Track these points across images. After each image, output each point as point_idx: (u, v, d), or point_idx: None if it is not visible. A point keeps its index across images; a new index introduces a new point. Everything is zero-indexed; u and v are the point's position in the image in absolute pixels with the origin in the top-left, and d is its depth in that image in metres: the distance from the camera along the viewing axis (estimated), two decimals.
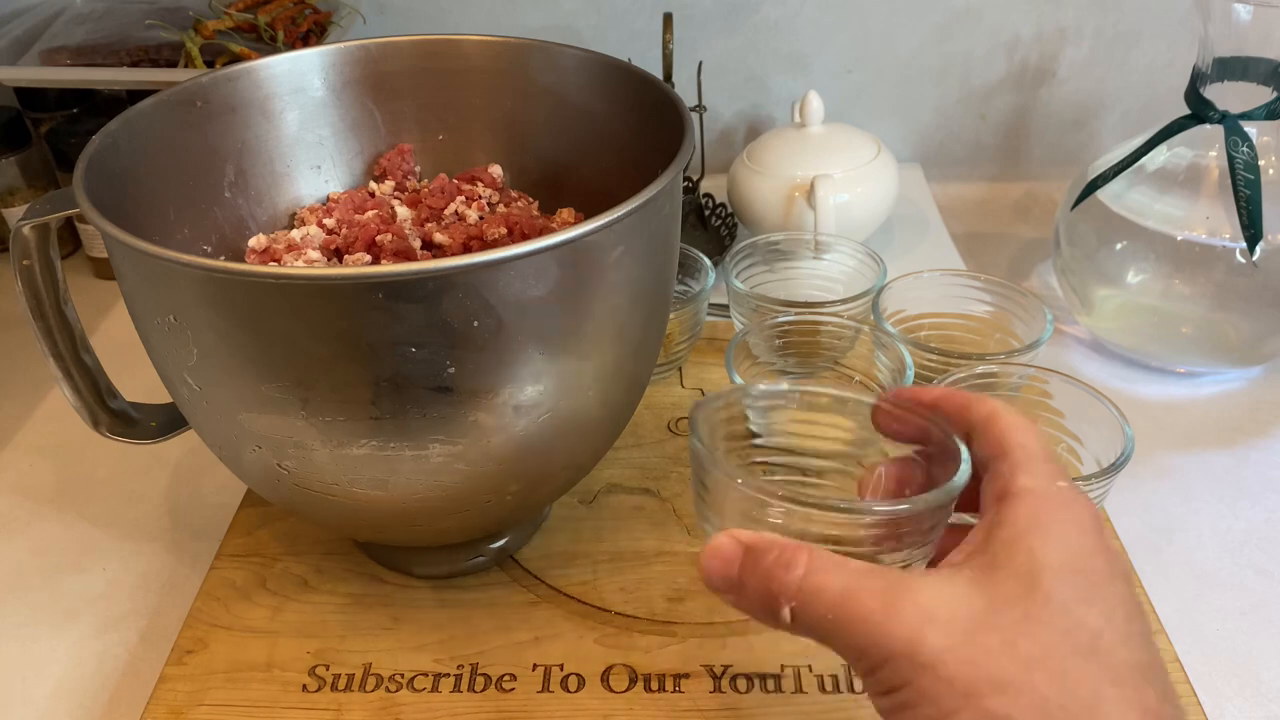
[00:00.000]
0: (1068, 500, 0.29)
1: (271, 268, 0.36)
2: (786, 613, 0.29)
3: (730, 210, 0.77)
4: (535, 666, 0.45)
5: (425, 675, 0.44)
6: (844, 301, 0.60)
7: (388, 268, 0.34)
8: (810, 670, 0.44)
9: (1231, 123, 0.57)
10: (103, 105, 0.81)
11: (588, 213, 0.52)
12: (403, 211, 0.52)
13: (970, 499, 0.32)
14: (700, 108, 0.75)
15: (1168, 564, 0.50)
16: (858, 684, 0.43)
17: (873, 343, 0.56)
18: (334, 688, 0.44)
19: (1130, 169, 0.61)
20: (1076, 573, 0.28)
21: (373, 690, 0.44)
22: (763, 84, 0.87)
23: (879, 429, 0.36)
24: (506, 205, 0.54)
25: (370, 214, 0.51)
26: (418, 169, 0.56)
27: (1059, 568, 0.28)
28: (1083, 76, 0.85)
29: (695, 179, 0.78)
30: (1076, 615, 0.27)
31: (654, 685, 0.44)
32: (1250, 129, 0.57)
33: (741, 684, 0.44)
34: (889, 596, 0.27)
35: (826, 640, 0.29)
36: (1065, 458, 0.52)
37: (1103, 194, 0.62)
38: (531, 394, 0.38)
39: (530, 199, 0.55)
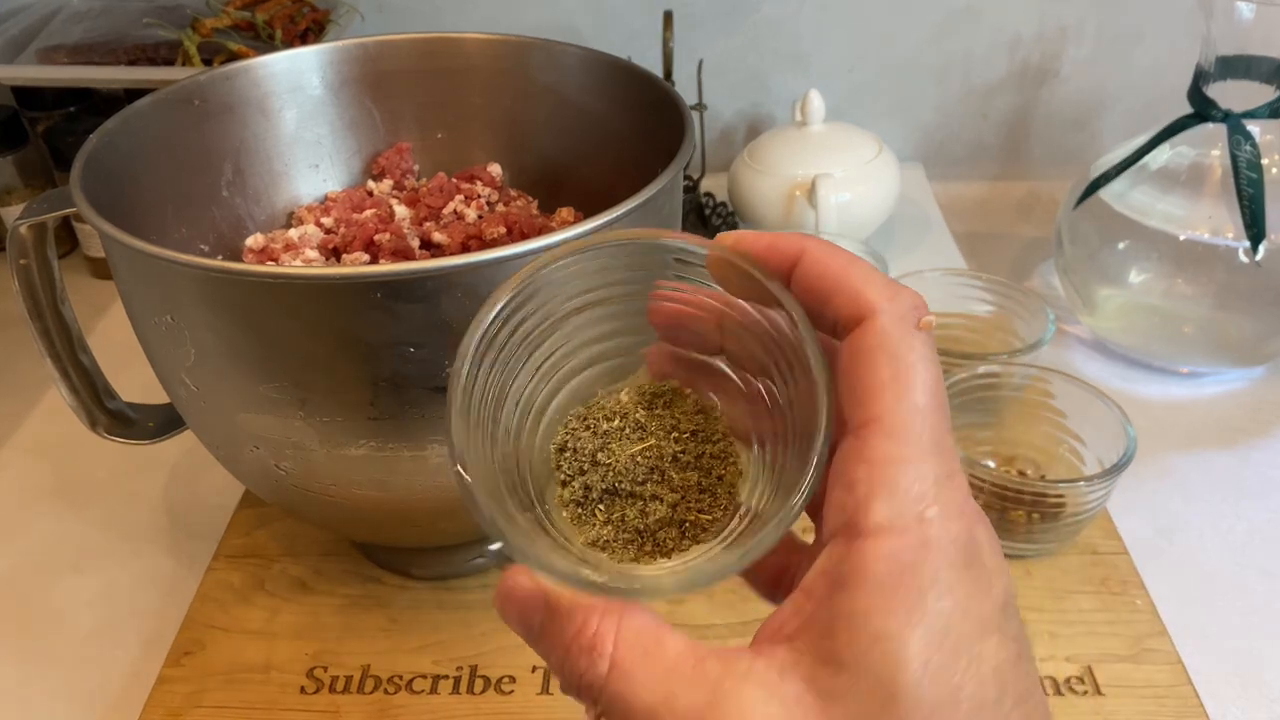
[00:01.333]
0: (934, 546, 0.21)
1: (269, 267, 0.36)
2: (594, 713, 0.23)
3: (731, 209, 0.77)
4: (534, 668, 0.44)
5: (424, 677, 0.44)
6: None
7: (386, 267, 0.34)
8: None
9: (1234, 121, 0.56)
10: (100, 104, 0.80)
11: (588, 212, 0.51)
12: (401, 210, 0.52)
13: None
14: (700, 106, 0.75)
15: (1170, 565, 0.50)
16: None
17: None
18: (332, 689, 0.44)
19: (1132, 168, 0.61)
20: (940, 674, 0.20)
21: (371, 692, 0.44)
22: (763, 83, 0.86)
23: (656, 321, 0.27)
24: (505, 204, 0.53)
25: (368, 213, 0.51)
26: (416, 168, 0.56)
27: (919, 673, 0.20)
28: (1085, 75, 0.84)
29: (695, 178, 0.78)
30: None
31: None
32: (1253, 128, 0.56)
33: None
34: (713, 715, 0.21)
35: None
36: (1068, 458, 0.52)
37: (1105, 193, 0.62)
38: None
39: (530, 198, 0.55)
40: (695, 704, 0.21)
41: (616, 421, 0.27)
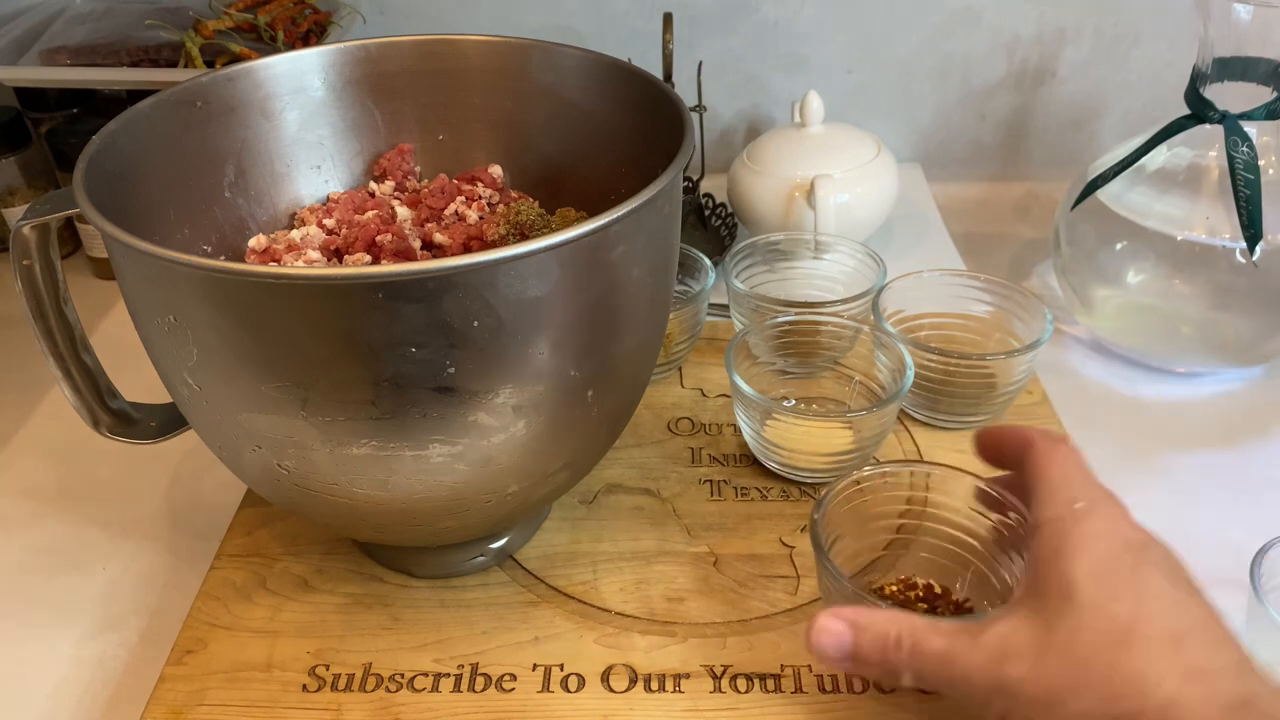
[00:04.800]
0: (1081, 517, 0.35)
1: (271, 268, 0.36)
2: (908, 678, 0.36)
3: (730, 210, 0.77)
4: (535, 666, 0.45)
5: (425, 675, 0.44)
6: (844, 301, 0.60)
7: (388, 268, 0.34)
8: (810, 670, 0.44)
9: (1231, 123, 0.57)
10: (103, 105, 0.81)
11: (588, 213, 0.52)
12: (403, 212, 0.52)
13: None
14: (700, 108, 0.75)
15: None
16: (857, 684, 0.43)
17: (873, 343, 0.56)
18: (334, 688, 0.44)
19: (1130, 169, 0.61)
20: (1102, 576, 0.33)
21: (372, 690, 0.44)
22: (763, 84, 0.87)
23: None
24: (506, 205, 0.54)
25: (370, 214, 0.51)
26: (418, 169, 0.56)
27: (1085, 579, 0.33)
28: (1083, 76, 0.85)
29: (695, 179, 0.78)
30: (1109, 612, 0.32)
31: (654, 685, 0.44)
32: (1250, 129, 0.57)
33: (741, 684, 0.44)
34: (976, 648, 0.34)
35: (941, 689, 0.36)
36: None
37: (1103, 194, 0.62)
38: (531, 394, 0.38)
39: (530, 199, 0.55)
40: (967, 642, 0.34)
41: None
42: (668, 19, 0.71)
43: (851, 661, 0.37)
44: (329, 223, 0.51)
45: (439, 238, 0.50)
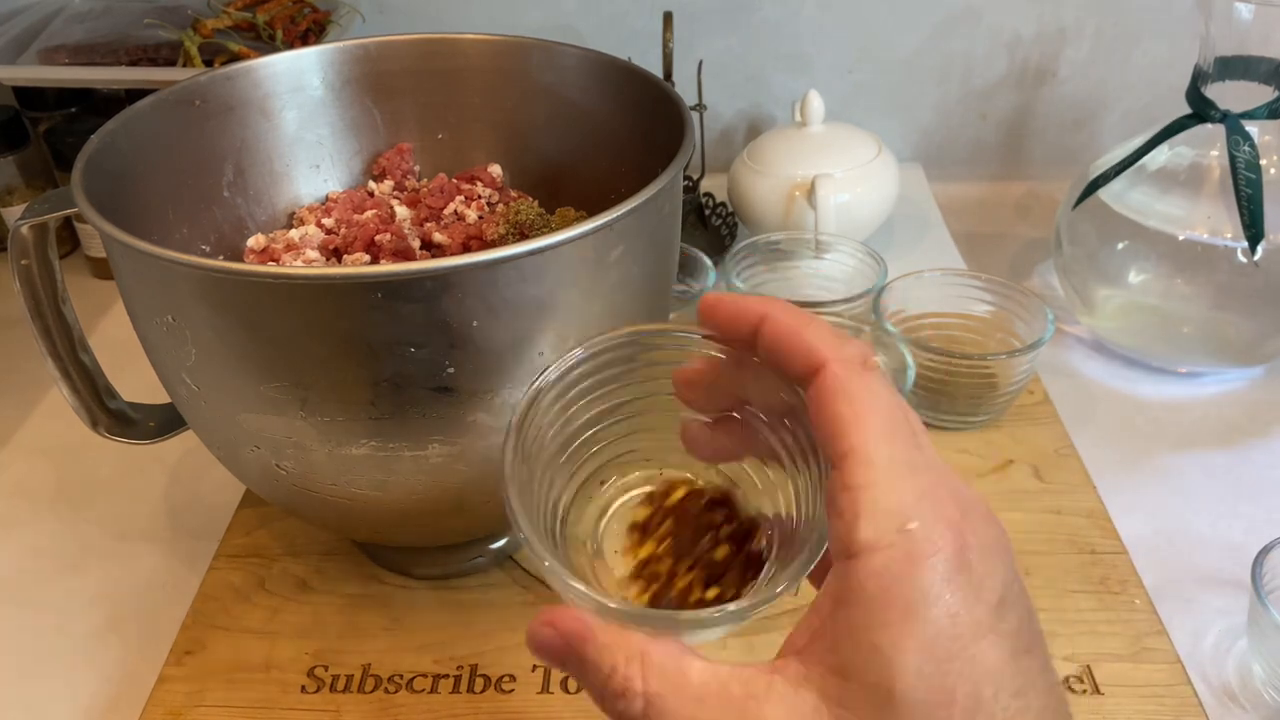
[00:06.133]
0: (918, 557, 0.23)
1: (270, 267, 0.36)
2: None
3: (731, 210, 0.77)
4: (535, 667, 0.44)
5: (424, 676, 0.44)
6: (845, 301, 0.60)
7: (387, 268, 0.34)
8: None
9: (1233, 122, 0.57)
10: (101, 105, 0.80)
11: (588, 213, 0.51)
12: (402, 211, 0.52)
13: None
14: (700, 107, 0.75)
15: (1168, 564, 0.50)
16: None
17: (873, 342, 0.56)
18: (332, 689, 0.44)
19: (1131, 168, 0.61)
20: (933, 673, 0.22)
21: (371, 691, 0.44)
22: (763, 83, 0.86)
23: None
24: (506, 205, 0.53)
25: (369, 214, 0.51)
26: (417, 168, 0.56)
27: (914, 678, 0.22)
28: (1083, 76, 0.84)
29: (695, 178, 0.78)
30: None
31: None
32: (1251, 128, 0.56)
33: None
34: None
35: None
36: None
37: (1104, 193, 0.62)
38: None
39: (530, 199, 0.55)
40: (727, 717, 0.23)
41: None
42: (668, 18, 0.71)
43: (575, 677, 0.25)
44: (328, 222, 0.51)
45: (438, 237, 0.50)
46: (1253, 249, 0.56)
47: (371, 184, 0.55)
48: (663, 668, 0.24)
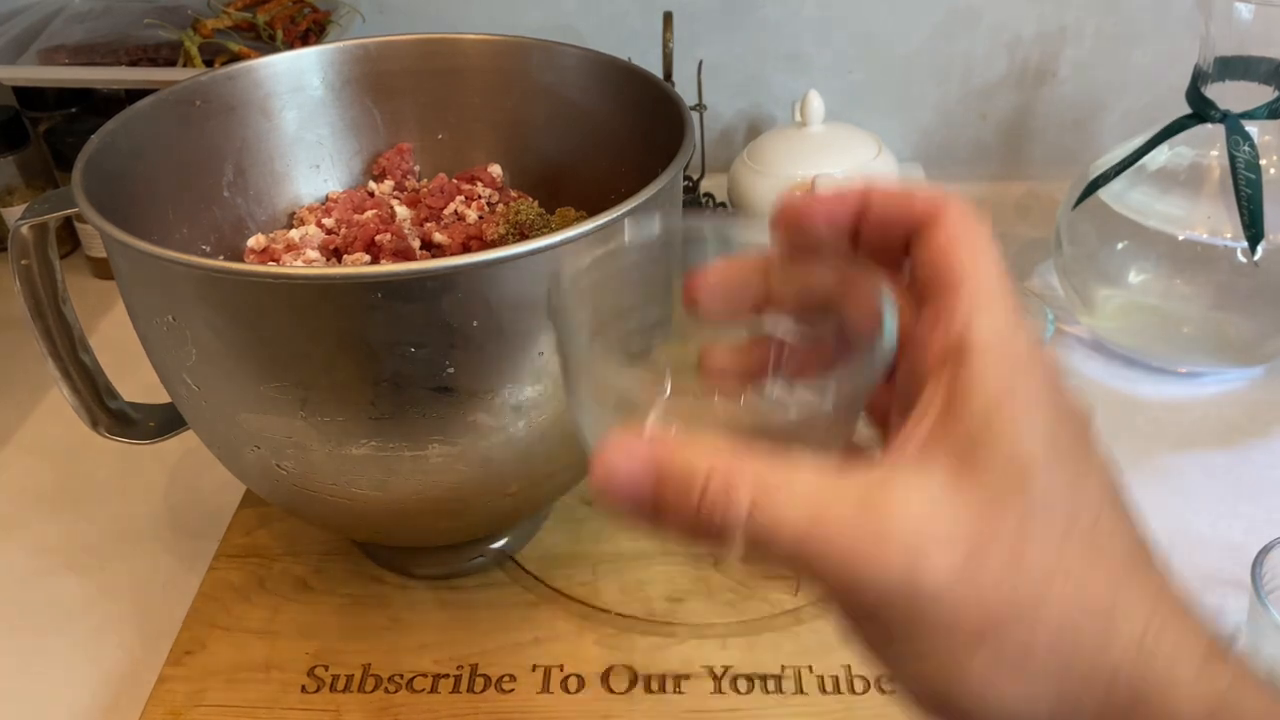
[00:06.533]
0: (1038, 358, 0.23)
1: (270, 267, 0.36)
2: (736, 555, 0.21)
3: (731, 210, 0.77)
4: (535, 667, 0.44)
5: (424, 676, 0.44)
6: None
7: (387, 268, 0.34)
8: (810, 671, 0.44)
9: (1233, 122, 0.57)
10: (101, 105, 0.80)
11: (588, 212, 0.51)
12: (402, 211, 0.52)
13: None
14: (700, 107, 0.75)
15: (1168, 564, 0.50)
16: (858, 684, 0.43)
17: None
18: (333, 689, 0.44)
19: (1131, 168, 0.61)
20: (1062, 456, 0.22)
21: (372, 691, 0.44)
22: (763, 83, 0.86)
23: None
24: (506, 205, 0.53)
25: (369, 214, 0.51)
26: (417, 168, 0.56)
27: (1046, 453, 0.22)
28: (1084, 76, 0.84)
29: (695, 178, 0.78)
30: (1072, 509, 0.22)
31: (654, 686, 0.43)
32: (1251, 128, 0.56)
33: (742, 684, 0.43)
34: (868, 518, 0.20)
35: (796, 574, 0.23)
36: None
37: (1104, 193, 0.62)
38: (531, 394, 0.38)
39: (530, 199, 0.55)
40: (844, 514, 0.20)
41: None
42: (668, 18, 0.71)
43: (649, 522, 0.22)
44: (328, 222, 0.51)
45: (438, 237, 0.50)
46: (1253, 249, 0.56)
47: (371, 184, 0.55)
48: (764, 469, 0.21)
